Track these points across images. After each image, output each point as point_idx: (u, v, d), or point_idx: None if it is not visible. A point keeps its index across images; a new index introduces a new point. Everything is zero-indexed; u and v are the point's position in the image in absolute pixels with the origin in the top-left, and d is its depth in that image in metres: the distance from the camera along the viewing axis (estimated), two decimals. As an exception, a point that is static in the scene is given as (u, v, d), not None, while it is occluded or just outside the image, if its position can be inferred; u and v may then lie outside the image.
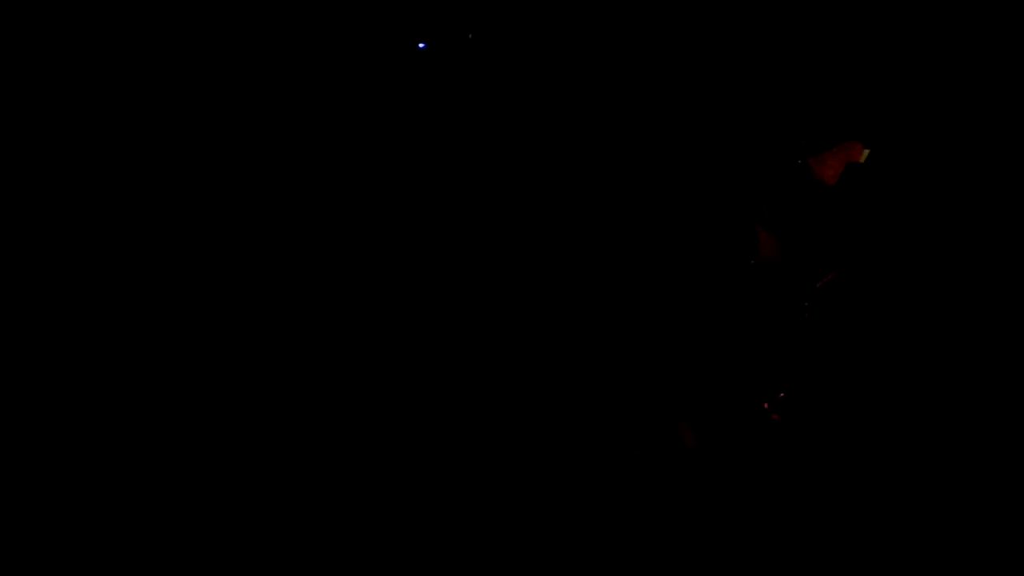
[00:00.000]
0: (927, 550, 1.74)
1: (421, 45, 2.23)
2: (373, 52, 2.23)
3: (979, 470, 1.76)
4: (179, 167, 2.13)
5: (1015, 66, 1.88)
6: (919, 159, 1.91)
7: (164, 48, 2.15)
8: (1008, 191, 1.85)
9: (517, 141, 2.21)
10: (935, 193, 1.89)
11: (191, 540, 1.89)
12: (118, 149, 2.11)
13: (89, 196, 2.08)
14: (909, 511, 1.77)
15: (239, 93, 2.18)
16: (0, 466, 1.91)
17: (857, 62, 2.00)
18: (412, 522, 1.96)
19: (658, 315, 2.04)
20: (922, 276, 1.87)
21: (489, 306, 2.12)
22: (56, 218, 2.05)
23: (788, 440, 1.86)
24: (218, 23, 2.15)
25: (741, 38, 2.09)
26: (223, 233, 2.13)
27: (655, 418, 1.96)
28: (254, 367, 2.06)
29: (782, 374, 1.90)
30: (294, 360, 2.07)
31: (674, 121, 2.14)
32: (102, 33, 2.11)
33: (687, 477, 1.88)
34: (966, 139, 1.90)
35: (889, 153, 1.92)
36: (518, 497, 1.95)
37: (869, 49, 1.99)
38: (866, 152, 1.90)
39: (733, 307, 1.99)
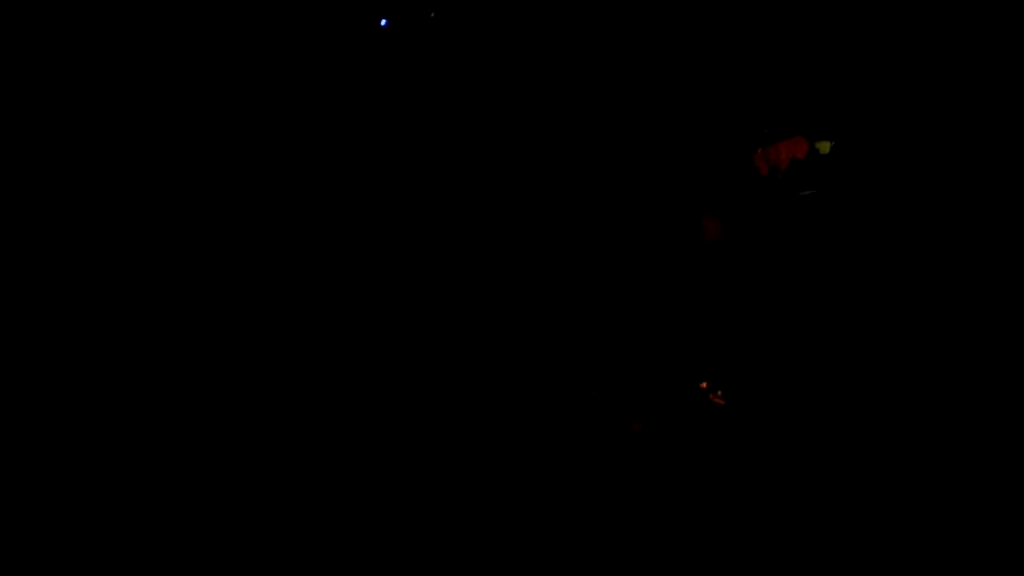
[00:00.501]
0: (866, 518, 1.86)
1: (383, 22, 2.22)
2: (336, 31, 2.22)
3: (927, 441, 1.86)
4: (164, 166, 2.14)
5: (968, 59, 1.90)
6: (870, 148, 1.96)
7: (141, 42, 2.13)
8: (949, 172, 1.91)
9: (473, 119, 2.22)
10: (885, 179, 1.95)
11: (191, 540, 1.91)
12: (117, 149, 2.11)
13: (89, 196, 2.08)
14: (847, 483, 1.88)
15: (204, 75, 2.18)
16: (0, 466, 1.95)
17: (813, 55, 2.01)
18: (387, 495, 2.03)
19: (608, 302, 2.09)
20: (865, 260, 1.94)
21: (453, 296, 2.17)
22: (56, 218, 2.06)
23: (733, 422, 1.94)
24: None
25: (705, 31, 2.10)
26: (214, 231, 2.15)
27: (605, 403, 2.02)
28: (254, 366, 2.09)
29: (727, 357, 1.98)
30: (293, 359, 2.11)
31: (630, 110, 2.17)
32: (102, 33, 2.09)
33: (636, 460, 1.95)
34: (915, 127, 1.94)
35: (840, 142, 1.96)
36: (483, 479, 2.03)
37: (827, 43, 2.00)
38: (825, 145, 1.95)
39: (680, 291, 2.04)
